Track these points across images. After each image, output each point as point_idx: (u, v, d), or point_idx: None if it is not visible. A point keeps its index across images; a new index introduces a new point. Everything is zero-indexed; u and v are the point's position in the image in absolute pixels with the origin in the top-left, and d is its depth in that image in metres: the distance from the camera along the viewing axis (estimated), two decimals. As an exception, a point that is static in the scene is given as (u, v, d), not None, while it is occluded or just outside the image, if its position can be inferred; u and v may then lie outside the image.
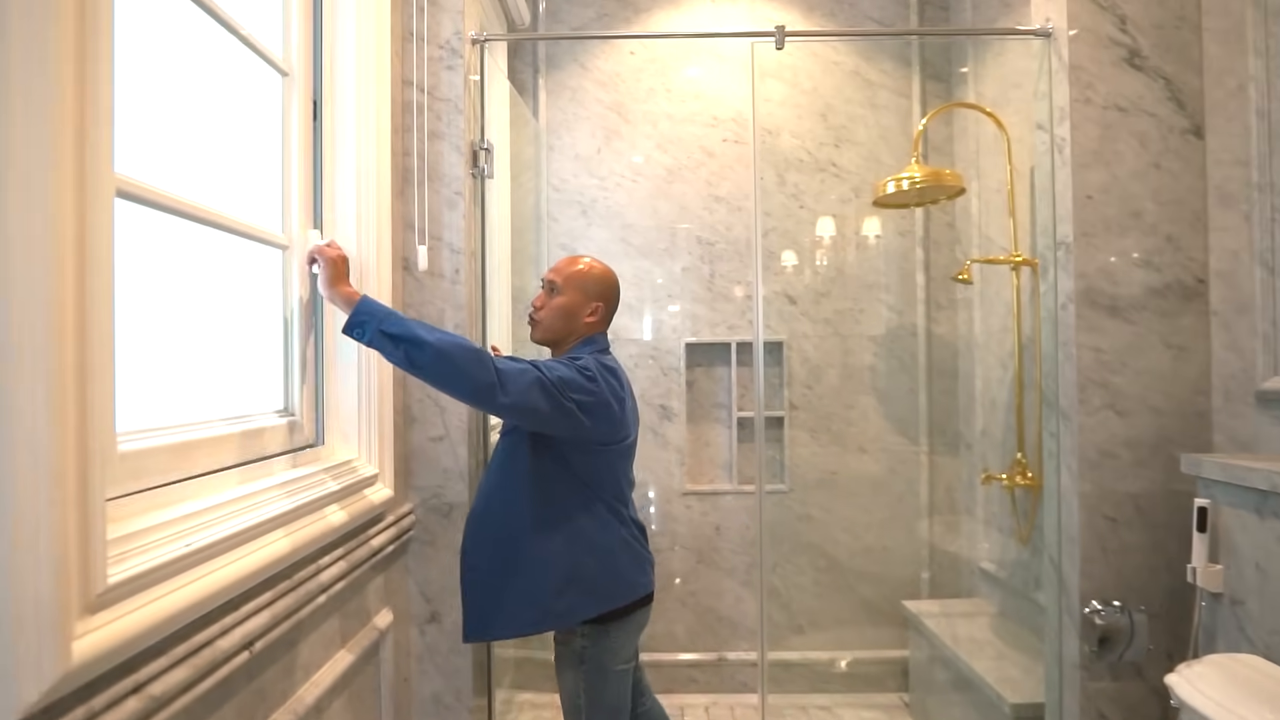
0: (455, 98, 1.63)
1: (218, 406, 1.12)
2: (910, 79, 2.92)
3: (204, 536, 0.88)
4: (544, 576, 1.43)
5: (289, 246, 1.29)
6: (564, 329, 1.54)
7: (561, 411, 1.35)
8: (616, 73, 2.92)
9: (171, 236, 1.01)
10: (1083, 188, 1.64)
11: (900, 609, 2.80)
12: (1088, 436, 1.64)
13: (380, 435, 1.42)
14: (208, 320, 1.12)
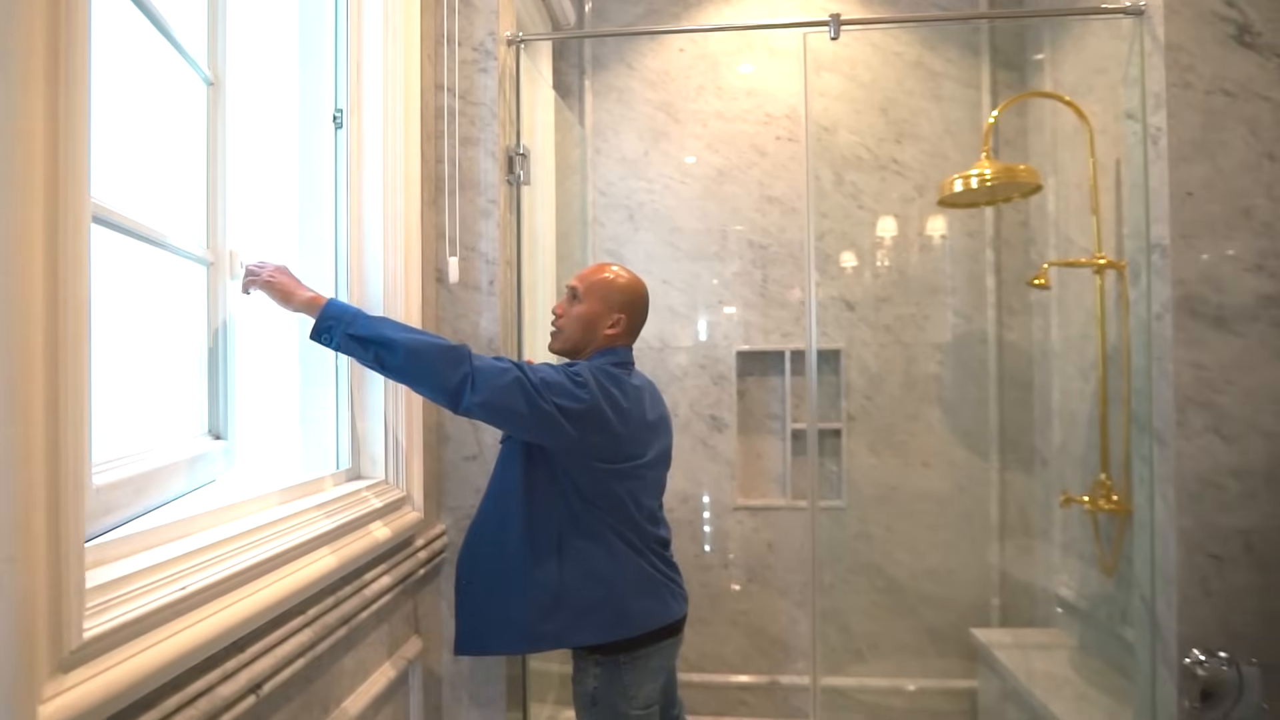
0: (489, 101, 1.56)
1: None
2: (979, 68, 2.73)
3: (203, 577, 0.82)
4: (530, 596, 1.33)
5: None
6: (582, 340, 1.44)
7: (541, 416, 1.23)
8: (665, 71, 2.82)
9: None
10: (1181, 183, 1.46)
11: (968, 637, 2.61)
12: (1187, 464, 1.46)
13: (409, 456, 1.36)
14: (192, 341, 1.07)
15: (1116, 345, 2.13)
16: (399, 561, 1.34)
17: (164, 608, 0.76)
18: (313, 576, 1.02)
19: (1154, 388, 1.51)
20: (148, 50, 0.97)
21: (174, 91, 1.09)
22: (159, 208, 0.95)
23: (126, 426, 0.96)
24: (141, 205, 0.92)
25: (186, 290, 1.04)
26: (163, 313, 1.00)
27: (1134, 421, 1.61)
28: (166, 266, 1.02)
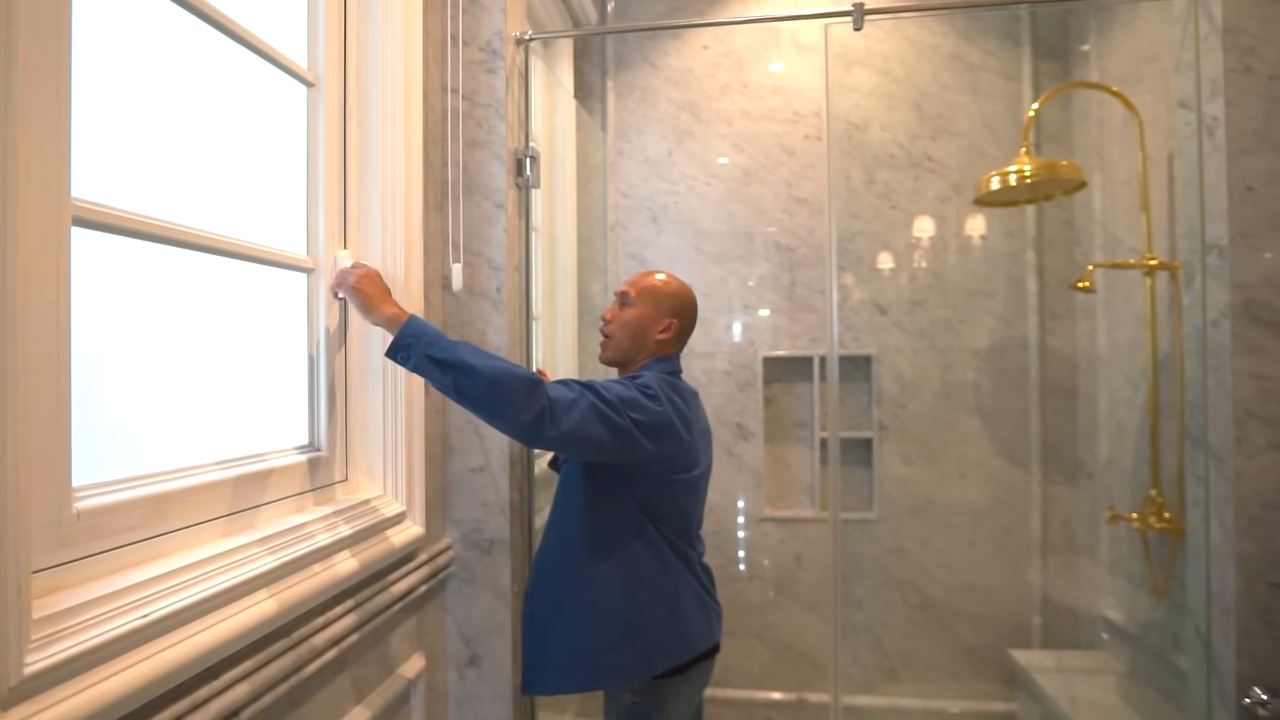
0: (496, 103, 1.51)
1: (229, 446, 1.04)
2: (1020, 59, 2.60)
3: (172, 603, 0.78)
4: (598, 626, 1.30)
5: (315, 269, 1.20)
6: (633, 346, 1.42)
7: (619, 435, 1.19)
8: (688, 69, 2.75)
9: (188, 265, 0.93)
10: (1241, 177, 1.33)
11: (1006, 658, 2.48)
12: (1248, 484, 1.33)
13: (409, 469, 1.32)
14: (219, 353, 1.04)
15: (1169, 353, 1.99)
16: (398, 578, 1.29)
17: (124, 636, 0.72)
18: (298, 597, 0.97)
19: (1210, 400, 1.39)
20: (225, 55, 0.94)
21: (255, 95, 1.08)
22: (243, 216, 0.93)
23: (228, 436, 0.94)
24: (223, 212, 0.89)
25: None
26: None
27: (1188, 436, 1.48)
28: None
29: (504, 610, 1.52)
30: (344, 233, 1.26)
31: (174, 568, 0.82)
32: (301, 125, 1.20)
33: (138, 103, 0.91)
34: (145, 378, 0.93)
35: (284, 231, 1.16)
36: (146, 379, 0.94)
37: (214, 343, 1.03)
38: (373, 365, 1.28)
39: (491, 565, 1.52)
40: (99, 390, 0.86)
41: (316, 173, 1.20)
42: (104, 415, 0.87)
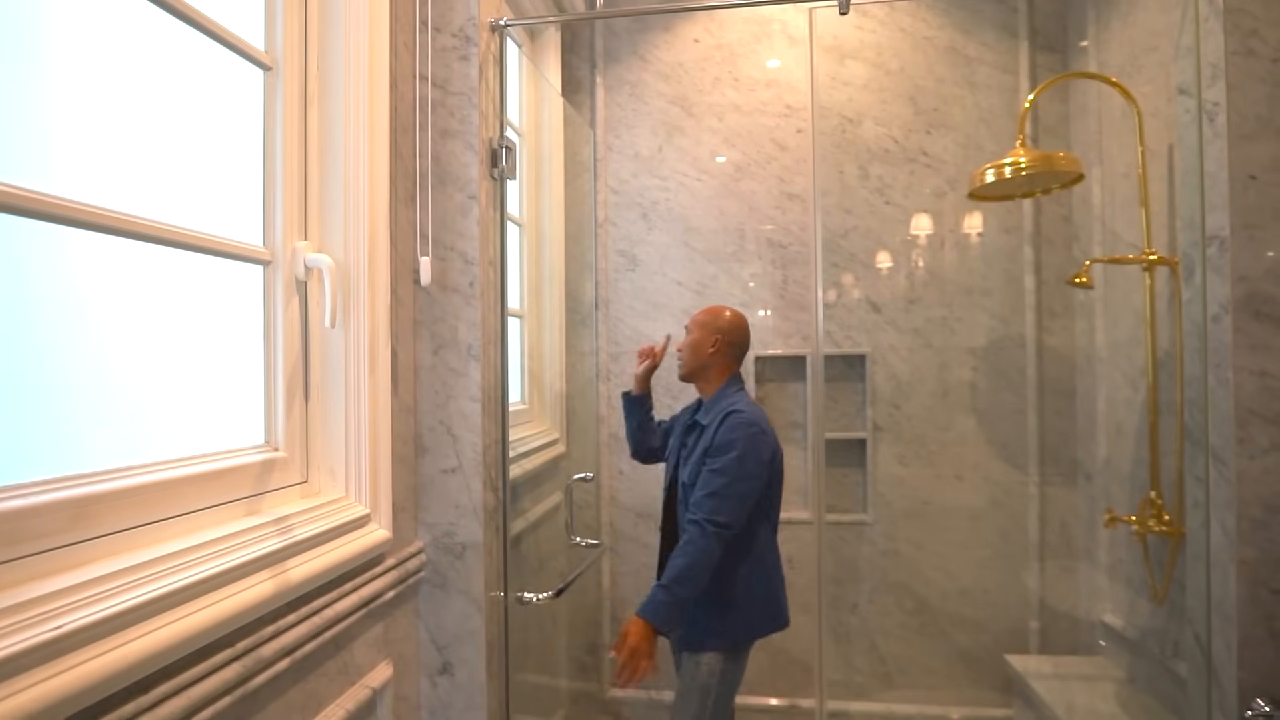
0: (470, 91, 1.46)
1: (177, 446, 0.99)
2: (1016, 52, 2.54)
3: (90, 614, 0.73)
4: (741, 598, 1.73)
5: (272, 261, 1.15)
6: (695, 361, 1.86)
7: (757, 483, 1.69)
8: (678, 63, 2.70)
9: (137, 257, 0.88)
10: (1243, 165, 1.28)
11: (1002, 664, 2.42)
12: (1251, 487, 1.27)
13: (374, 471, 1.27)
14: (171, 349, 0.99)
15: (1169, 351, 1.93)
16: (362, 584, 1.24)
17: (28, 651, 0.66)
18: (243, 605, 0.92)
19: (1210, 398, 1.33)
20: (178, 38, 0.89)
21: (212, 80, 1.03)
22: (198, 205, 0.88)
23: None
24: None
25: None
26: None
27: (1188, 437, 1.42)
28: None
29: (477, 616, 1.47)
30: (304, 224, 1.21)
31: (95, 575, 0.77)
32: (258, 111, 1.15)
33: (80, 86, 0.86)
34: (89, 374, 0.88)
35: (239, 222, 1.11)
36: (90, 375, 0.88)
37: (165, 338, 0.98)
38: (334, 362, 1.23)
39: (464, 570, 1.47)
40: (35, 386, 0.81)
41: (274, 161, 1.15)
42: (40, 413, 0.82)
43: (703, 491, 1.66)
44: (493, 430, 1.51)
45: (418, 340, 1.48)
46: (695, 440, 1.79)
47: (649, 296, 2.69)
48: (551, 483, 2.41)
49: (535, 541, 2.14)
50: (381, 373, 1.29)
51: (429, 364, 1.47)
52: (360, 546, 1.21)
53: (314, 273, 1.19)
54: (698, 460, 1.73)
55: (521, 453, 2.08)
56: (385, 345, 1.30)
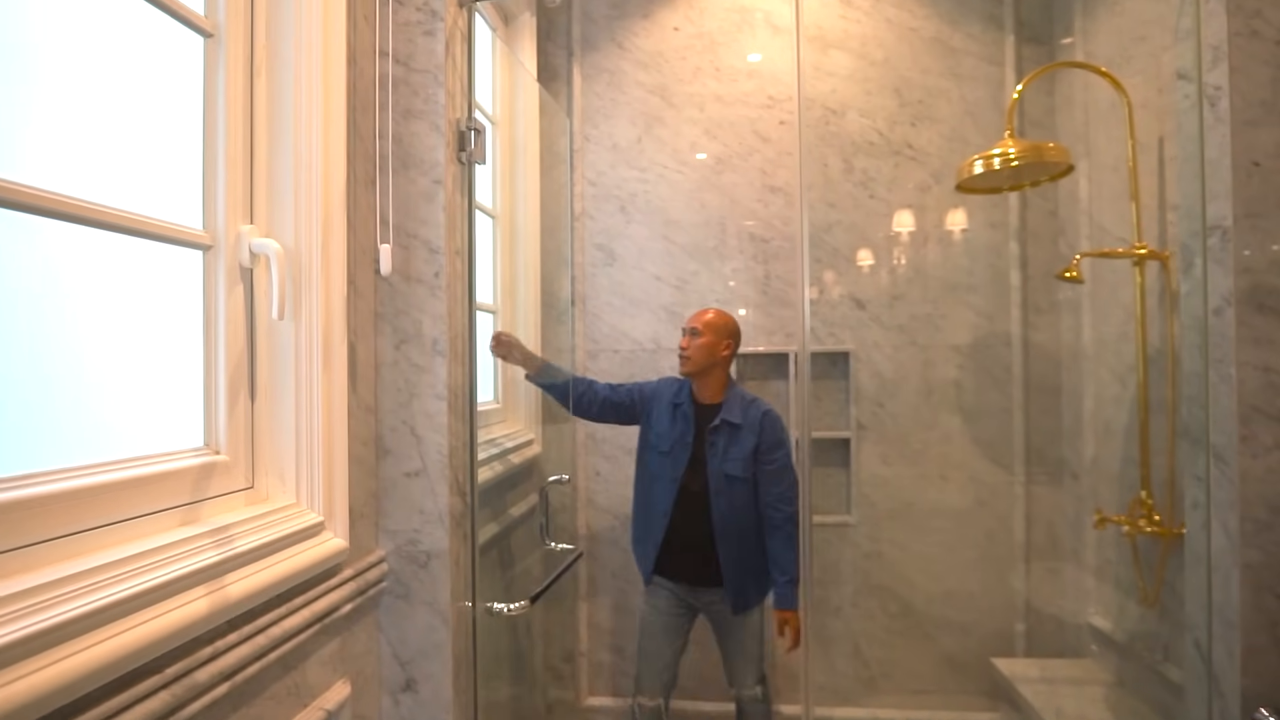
0: (435, 69, 1.36)
1: (101, 448, 0.89)
2: (1003, 44, 2.50)
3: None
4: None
5: (213, 245, 1.05)
6: (706, 362, 2.04)
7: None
8: (658, 52, 2.62)
9: (61, 240, 0.78)
10: (1247, 151, 1.22)
11: (989, 667, 2.37)
12: (1255, 487, 1.22)
13: (328, 475, 1.17)
14: (100, 341, 0.88)
15: (1159, 347, 1.89)
16: (314, 598, 1.14)
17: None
18: (171, 626, 0.82)
19: (1211, 395, 1.28)
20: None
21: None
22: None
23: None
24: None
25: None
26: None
27: (1185, 435, 1.37)
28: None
29: (443, 629, 1.37)
30: (250, 206, 1.11)
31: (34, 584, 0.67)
32: (198, 82, 1.05)
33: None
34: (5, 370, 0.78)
35: (176, 204, 1.01)
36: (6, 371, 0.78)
37: (90, 330, 0.88)
38: (284, 357, 1.14)
39: (429, 580, 1.37)
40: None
41: (215, 136, 1.05)
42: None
43: (779, 486, 2.00)
44: (460, 430, 1.41)
45: (379, 334, 1.38)
46: (731, 438, 2.02)
47: (627, 292, 2.61)
48: (526, 484, 2.32)
49: (508, 547, 2.05)
50: (337, 369, 1.20)
51: (391, 360, 1.37)
52: (312, 557, 1.11)
53: (260, 259, 1.09)
54: (749, 457, 2.01)
55: (493, 454, 1.98)
56: (341, 339, 1.21)
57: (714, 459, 2.01)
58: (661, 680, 2.11)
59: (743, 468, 1.99)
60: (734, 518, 2.00)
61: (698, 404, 2.08)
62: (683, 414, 2.07)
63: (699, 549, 2.02)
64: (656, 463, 2.08)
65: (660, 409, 2.11)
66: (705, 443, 2.03)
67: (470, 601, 1.47)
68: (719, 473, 2.00)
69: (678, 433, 2.06)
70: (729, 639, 2.10)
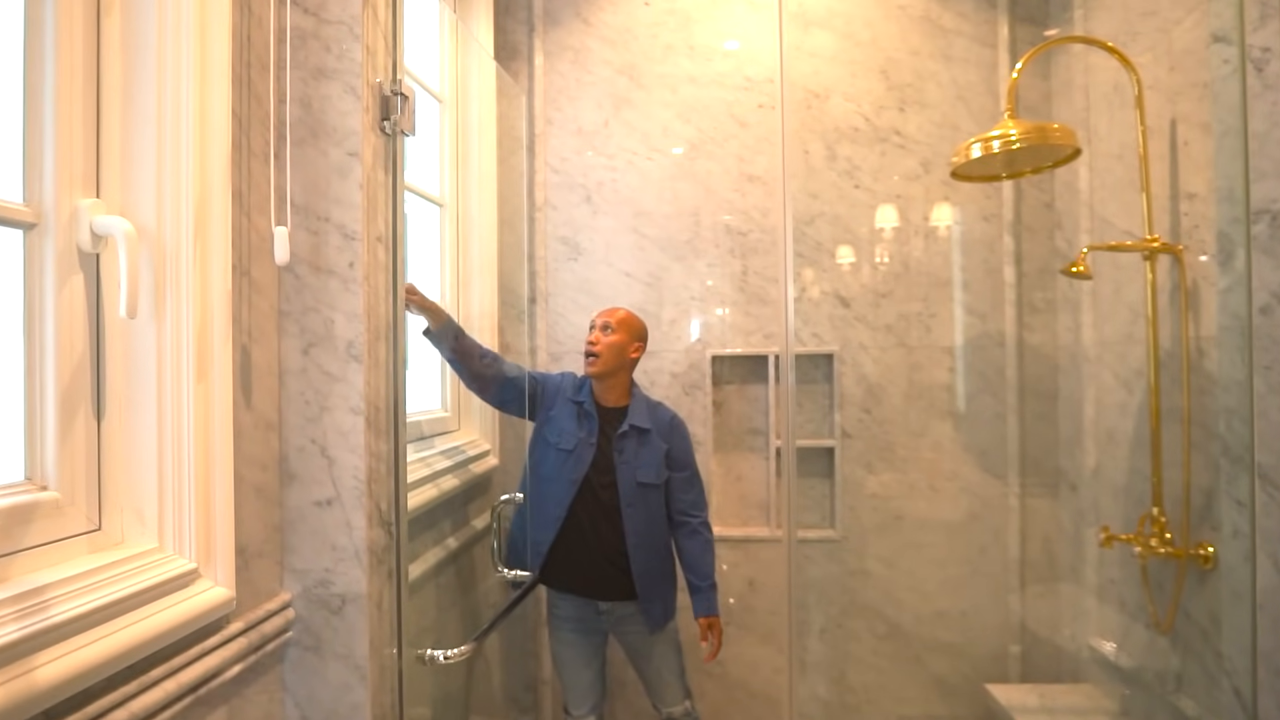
0: (350, 20, 1.14)
1: None
2: (995, 23, 2.33)
3: None
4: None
5: (39, 224, 0.83)
6: (616, 363, 1.89)
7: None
8: (626, 28, 2.41)
9: None
10: (1302, 123, 1.04)
11: (982, 694, 2.20)
12: (1312, 515, 1.04)
13: (205, 508, 0.95)
14: None
15: (1170, 349, 1.72)
16: (187, 662, 0.92)
17: None
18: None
19: (1258, 407, 1.10)
20: None
21: None
22: None
23: None
24: None
25: None
26: None
27: (1225, 453, 1.19)
28: None
29: (360, 687, 1.15)
30: (96, 176, 0.88)
31: None
32: (18, 20, 0.82)
33: None
34: None
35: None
36: None
37: None
38: (143, 365, 0.91)
39: (343, 629, 1.15)
40: None
41: (42, 86, 0.83)
42: None
43: (691, 495, 1.94)
44: (382, 450, 1.20)
45: (283, 336, 1.16)
46: (641, 443, 1.89)
47: (593, 289, 2.40)
48: (482, 500, 2.11)
49: (457, 576, 1.83)
50: (218, 378, 0.97)
51: (297, 366, 1.15)
52: (180, 614, 0.89)
53: (108, 242, 0.87)
54: (661, 463, 1.89)
55: (440, 470, 1.77)
56: (225, 341, 0.99)
57: (624, 466, 1.86)
58: (589, 702, 1.94)
59: (656, 474, 1.88)
60: (648, 528, 1.88)
61: (601, 406, 1.92)
62: (586, 413, 1.90)
63: (608, 561, 1.86)
64: (554, 461, 1.87)
65: (561, 404, 1.93)
66: (612, 449, 1.87)
67: (397, 649, 1.25)
68: (631, 481, 1.86)
69: (583, 432, 1.88)
70: (648, 657, 1.96)
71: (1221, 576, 1.21)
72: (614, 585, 1.88)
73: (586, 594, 1.91)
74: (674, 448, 1.92)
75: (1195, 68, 1.56)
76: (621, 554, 1.85)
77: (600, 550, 1.86)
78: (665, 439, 1.91)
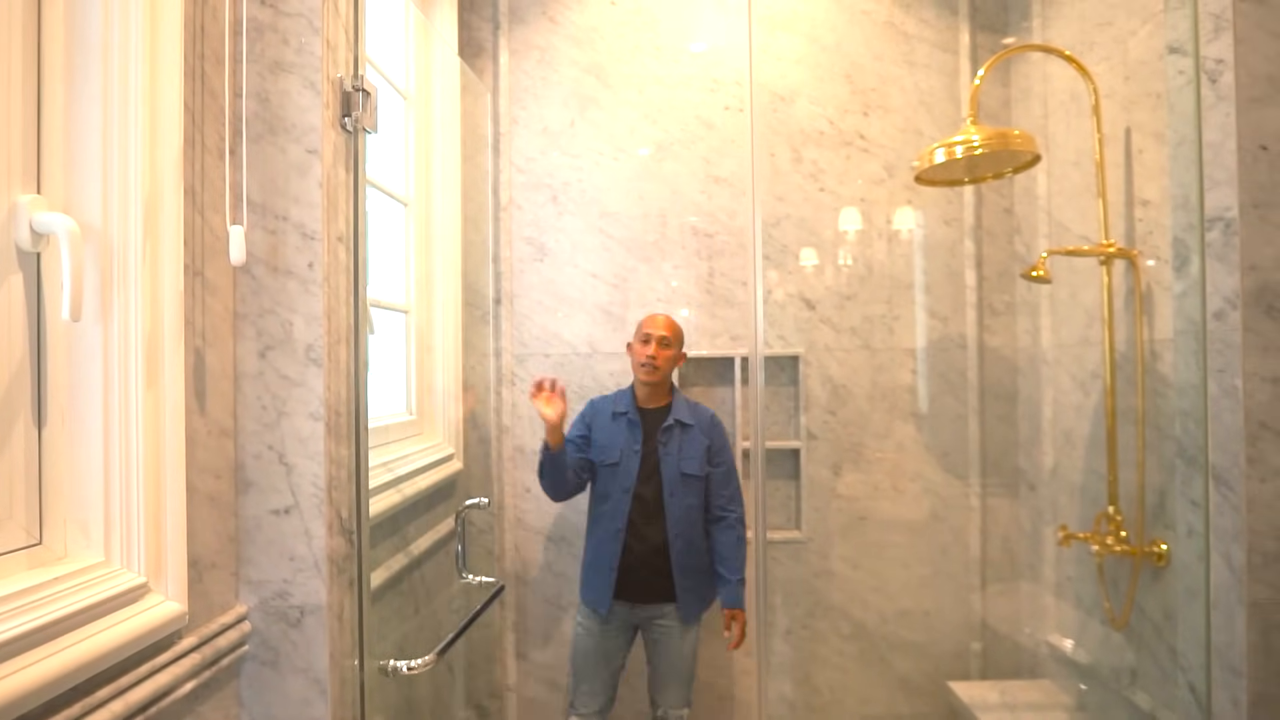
0: (309, 11, 1.10)
1: None
2: (957, 30, 2.36)
3: None
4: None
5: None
6: (669, 370, 2.01)
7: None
8: (593, 27, 2.39)
9: None
10: (1254, 133, 1.08)
11: (945, 692, 2.23)
12: (1263, 514, 1.08)
13: (155, 519, 0.90)
14: None
15: (1126, 352, 1.77)
16: (131, 684, 0.87)
17: None
18: None
19: (1212, 410, 1.13)
20: None
21: None
22: None
23: None
24: None
25: None
26: None
27: (1181, 454, 1.22)
28: None
29: (320, 701, 1.12)
30: (36, 169, 0.83)
31: None
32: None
33: None
34: None
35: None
36: None
37: None
38: (88, 370, 0.86)
39: (302, 641, 1.11)
40: None
41: (-23, 72, 0.78)
42: None
43: (729, 490, 2.01)
44: (343, 456, 1.16)
45: (239, 339, 1.11)
46: (685, 437, 1.99)
47: (559, 290, 2.38)
48: (446, 505, 2.06)
49: (421, 583, 1.79)
50: (170, 383, 0.93)
51: (254, 370, 1.11)
52: (128, 631, 0.85)
53: (49, 241, 0.82)
54: (703, 456, 1.98)
55: (403, 474, 1.73)
56: (177, 345, 0.94)
57: (668, 458, 1.97)
58: (598, 703, 1.97)
59: (699, 466, 1.97)
60: (686, 519, 1.96)
61: (643, 410, 2.02)
62: (629, 421, 2.00)
63: (651, 562, 1.95)
64: (604, 479, 2.00)
65: (599, 424, 2.03)
66: (657, 445, 1.98)
67: (358, 661, 1.21)
68: (675, 473, 1.96)
69: (624, 441, 1.98)
70: (666, 656, 2.00)
71: (1175, 574, 1.24)
72: (654, 587, 1.96)
73: (628, 598, 1.96)
74: (714, 443, 2.01)
75: (1150, 78, 1.61)
76: (662, 551, 1.94)
77: (646, 551, 1.95)
78: (706, 434, 2.00)
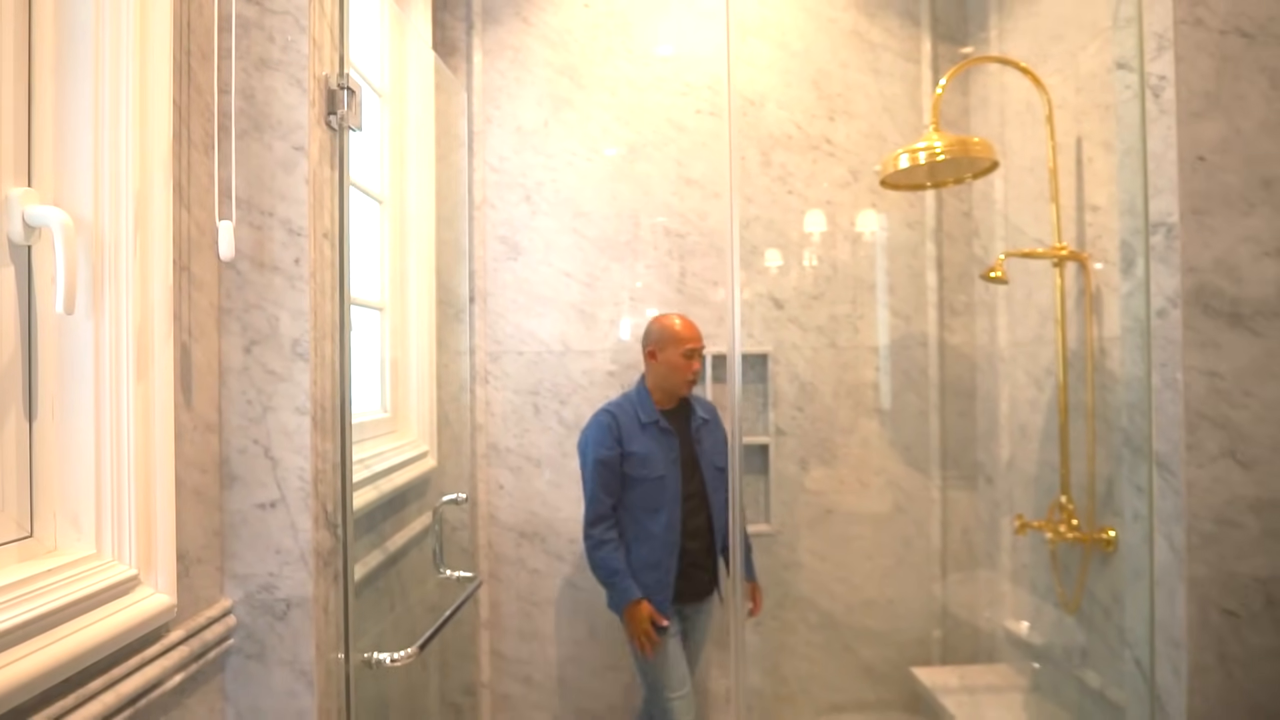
0: (296, 10, 1.12)
1: None
2: (919, 39, 2.45)
3: None
4: None
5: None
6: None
7: None
8: (567, 29, 2.42)
9: None
10: (1193, 145, 1.16)
11: (908, 678, 2.32)
12: (1201, 497, 1.16)
13: (145, 512, 0.91)
14: None
15: (1077, 350, 1.87)
16: (122, 676, 0.88)
17: None
18: None
19: (1155, 401, 1.21)
20: None
21: None
22: None
23: None
24: None
25: None
26: None
27: (1127, 444, 1.31)
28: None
29: (306, 694, 1.13)
30: (27, 163, 0.84)
31: None
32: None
33: None
34: None
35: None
36: None
37: None
38: (80, 364, 0.87)
39: (288, 634, 1.13)
40: None
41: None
42: None
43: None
44: (328, 450, 1.17)
45: (224, 334, 1.12)
46: (712, 431, 2.11)
47: (533, 289, 2.40)
48: (420, 502, 2.07)
49: (398, 578, 1.80)
50: (159, 377, 0.94)
51: (239, 365, 1.12)
52: (120, 623, 0.86)
53: (41, 234, 0.82)
54: (725, 447, 2.03)
55: (379, 471, 1.73)
56: (166, 339, 0.95)
57: (704, 456, 2.07)
58: (687, 683, 2.05)
59: (724, 457, 2.02)
60: (721, 509, 2.04)
61: (667, 412, 2.08)
62: (660, 429, 2.05)
63: (700, 561, 2.05)
64: (649, 493, 2.01)
65: (632, 434, 2.04)
66: (693, 445, 2.07)
67: (343, 654, 1.23)
68: (712, 469, 2.06)
69: (661, 451, 2.03)
70: (696, 639, 2.14)
71: (1123, 557, 1.33)
72: (701, 582, 2.06)
73: (680, 601, 2.03)
74: (724, 430, 2.11)
75: (1099, 90, 1.71)
76: (709, 548, 2.04)
77: (697, 550, 2.03)
78: (720, 425, 2.13)
